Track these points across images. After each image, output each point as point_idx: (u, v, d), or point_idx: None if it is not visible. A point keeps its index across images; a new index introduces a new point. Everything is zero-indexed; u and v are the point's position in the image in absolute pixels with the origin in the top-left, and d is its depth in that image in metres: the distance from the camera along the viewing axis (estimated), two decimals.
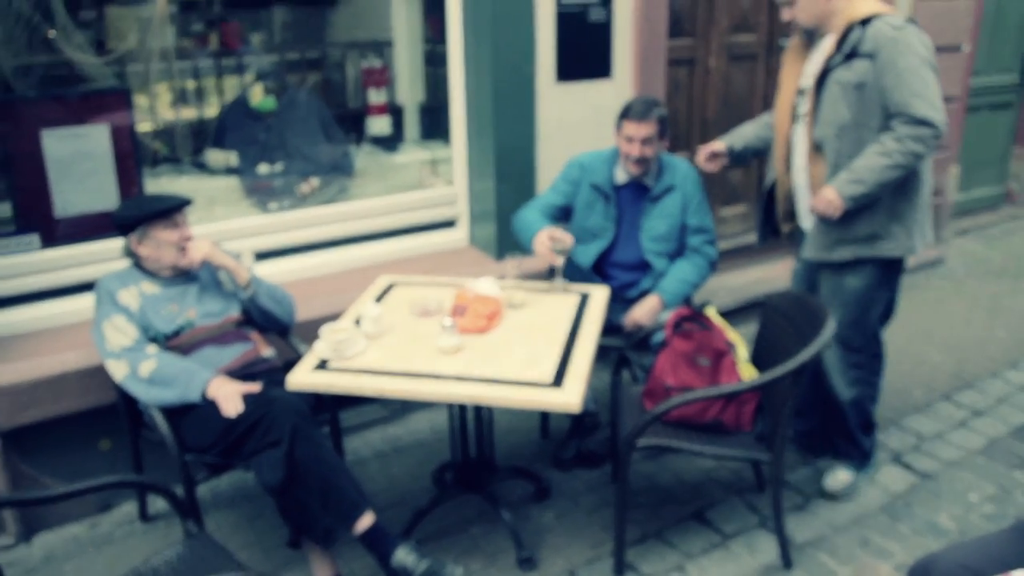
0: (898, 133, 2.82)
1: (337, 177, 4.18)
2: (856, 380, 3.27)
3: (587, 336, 2.82)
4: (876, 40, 2.84)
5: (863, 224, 3.00)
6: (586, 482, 3.45)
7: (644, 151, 3.33)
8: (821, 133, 3.00)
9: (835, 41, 2.92)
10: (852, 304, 3.15)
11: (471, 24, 3.91)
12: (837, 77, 2.92)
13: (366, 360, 2.69)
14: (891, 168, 2.83)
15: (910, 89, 2.79)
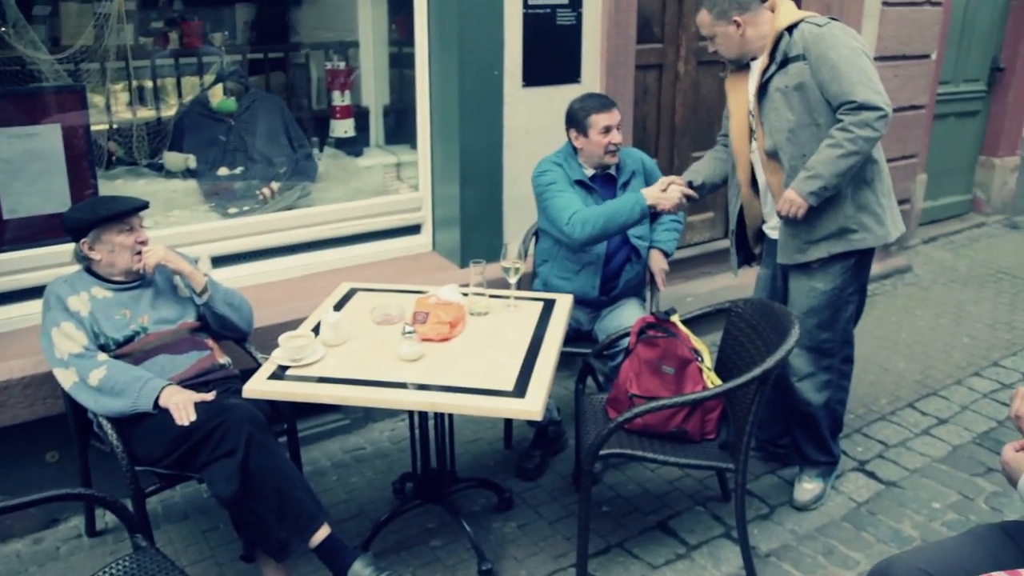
0: (844, 123, 2.85)
1: (299, 181, 4.11)
2: (827, 384, 3.26)
3: (550, 344, 2.78)
4: (804, 41, 2.91)
5: (830, 220, 3.02)
6: (550, 492, 3.40)
7: (619, 137, 3.42)
8: (772, 141, 3.03)
9: (767, 53, 2.98)
10: (824, 307, 3.14)
11: (437, 26, 3.86)
12: (776, 84, 2.98)
13: (324, 368, 2.63)
14: (844, 157, 2.85)
15: (847, 78, 2.84)
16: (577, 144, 3.44)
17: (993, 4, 6.60)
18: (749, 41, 3.03)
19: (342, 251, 4.00)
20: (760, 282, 3.47)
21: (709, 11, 3.03)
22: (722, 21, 3.01)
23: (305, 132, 4.34)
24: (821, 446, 3.35)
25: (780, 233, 3.14)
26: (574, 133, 3.43)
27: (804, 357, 3.21)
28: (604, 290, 3.51)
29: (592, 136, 3.37)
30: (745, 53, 3.07)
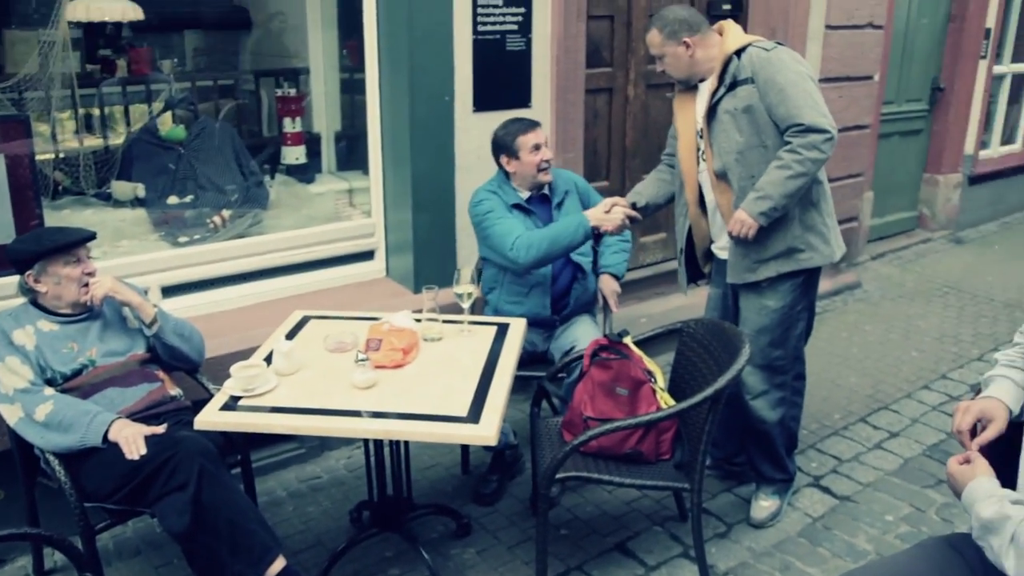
0: (792, 145, 2.91)
1: (250, 208, 4.08)
2: (781, 401, 3.29)
3: (504, 368, 2.78)
4: (752, 64, 2.97)
5: (779, 240, 3.07)
6: (508, 516, 3.39)
7: (549, 154, 3.49)
8: (721, 162, 3.08)
9: (716, 76, 3.03)
10: (775, 325, 3.18)
11: (387, 52, 3.87)
12: (725, 107, 3.03)
13: (277, 397, 2.60)
14: (792, 178, 2.90)
15: (793, 102, 2.90)
16: (509, 168, 3.48)
17: (931, 27, 6.77)
18: (697, 62, 3.08)
19: (295, 278, 3.97)
20: (711, 302, 3.50)
21: (660, 31, 3.08)
22: (672, 41, 3.05)
23: (256, 159, 4.31)
24: (776, 463, 3.38)
25: (730, 253, 3.18)
26: (505, 158, 3.47)
27: (757, 375, 3.24)
28: (555, 309, 3.54)
29: (523, 157, 3.42)
30: (693, 74, 3.12)
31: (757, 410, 3.27)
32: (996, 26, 7.09)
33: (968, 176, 7.41)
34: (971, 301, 5.91)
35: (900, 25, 6.42)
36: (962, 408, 2.03)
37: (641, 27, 4.76)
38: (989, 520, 1.74)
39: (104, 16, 3.92)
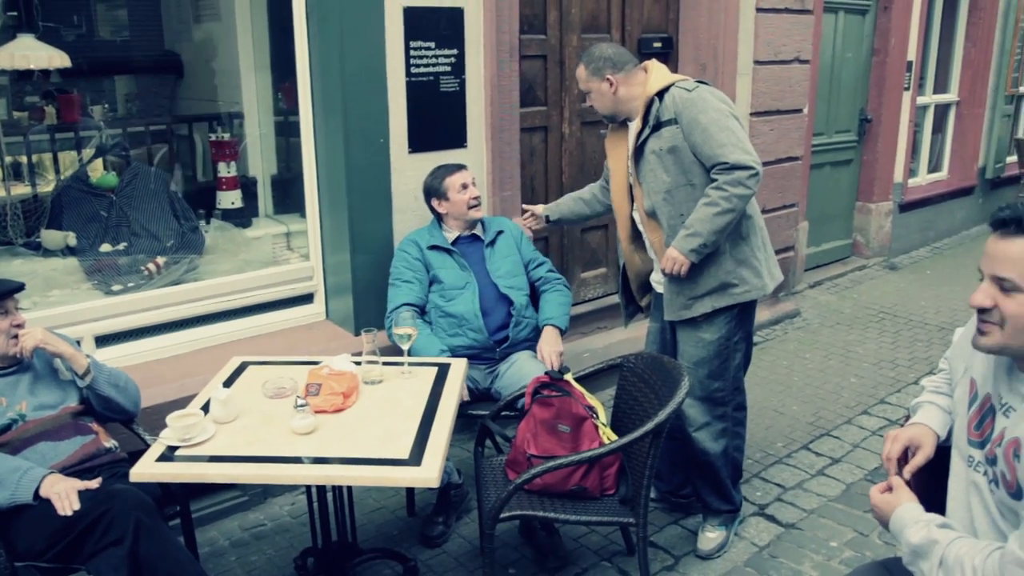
0: (718, 182, 2.97)
1: (186, 254, 4.02)
2: (723, 432, 3.31)
3: (445, 409, 2.76)
4: (675, 105, 3.03)
5: (711, 275, 3.11)
6: (455, 557, 3.36)
7: (477, 192, 3.68)
8: (650, 201, 3.14)
9: (640, 117, 3.11)
10: (713, 357, 3.21)
11: (321, 95, 3.87)
12: (650, 147, 3.09)
13: (216, 446, 2.55)
14: (720, 215, 2.96)
15: (716, 140, 2.96)
16: (441, 210, 3.67)
17: (856, 60, 6.99)
18: (621, 100, 3.15)
19: (233, 324, 3.92)
20: (650, 335, 3.55)
21: (586, 67, 3.15)
22: (596, 78, 3.13)
23: (191, 204, 4.26)
24: (722, 494, 3.40)
25: (665, 290, 3.23)
26: (436, 201, 3.67)
27: (698, 407, 3.26)
28: (497, 343, 3.58)
29: (452, 196, 3.61)
30: (618, 112, 3.19)
31: (700, 442, 3.29)
32: (917, 58, 7.34)
33: (899, 204, 7.63)
34: (906, 326, 6.05)
35: (826, 59, 6.61)
36: (891, 437, 2.07)
37: (574, 66, 4.82)
38: (918, 545, 1.77)
39: (30, 64, 3.85)
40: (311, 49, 3.85)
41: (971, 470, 1.87)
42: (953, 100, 8.41)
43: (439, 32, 3.99)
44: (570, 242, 5.09)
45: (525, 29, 4.52)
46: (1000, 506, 1.77)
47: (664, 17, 5.28)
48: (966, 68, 8.30)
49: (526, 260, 3.81)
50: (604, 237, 5.30)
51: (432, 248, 3.64)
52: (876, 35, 7.08)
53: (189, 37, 4.92)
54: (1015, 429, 1.72)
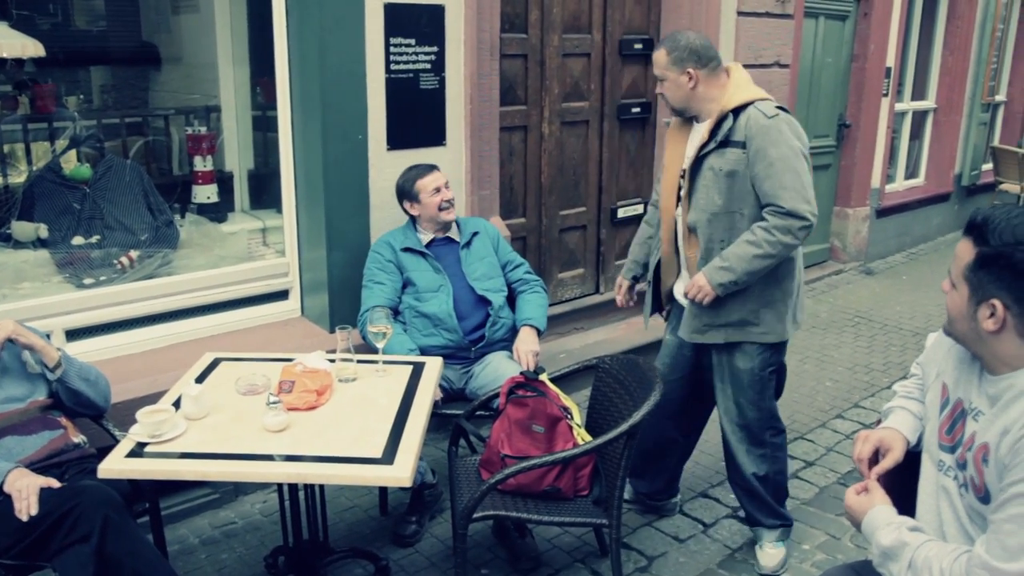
0: (768, 224, 2.85)
1: (160, 248, 3.98)
2: (762, 457, 3.24)
3: (419, 408, 2.75)
4: (748, 129, 2.86)
5: (734, 310, 3.02)
6: (428, 557, 3.35)
7: (450, 194, 3.63)
8: (694, 218, 3.01)
9: (709, 128, 2.93)
10: (747, 387, 3.14)
11: (300, 91, 3.84)
12: (710, 163, 2.94)
13: (186, 443, 2.53)
14: (760, 258, 2.86)
15: (780, 181, 2.82)
16: (414, 212, 3.65)
17: (836, 66, 7.02)
18: (697, 97, 2.98)
19: (207, 319, 3.88)
20: (667, 349, 3.40)
21: (668, 53, 2.96)
22: (676, 68, 2.95)
23: (166, 198, 4.22)
24: (771, 512, 3.32)
25: (685, 309, 3.14)
26: (408, 204, 3.66)
27: (738, 433, 3.22)
28: (472, 343, 3.57)
29: (424, 199, 3.59)
30: (690, 108, 3.02)
31: (742, 465, 3.25)
32: (895, 65, 7.38)
33: (876, 209, 7.68)
34: (881, 330, 6.09)
35: (806, 64, 6.63)
36: (862, 437, 2.08)
37: (555, 66, 4.83)
38: (888, 548, 1.78)
39: (2, 52, 3.79)
40: (290, 44, 3.83)
41: (941, 474, 1.88)
42: (931, 107, 8.47)
43: (420, 29, 3.97)
44: (548, 243, 5.09)
45: (506, 28, 4.51)
46: (969, 510, 1.79)
47: (645, 19, 5.29)
48: (944, 76, 8.37)
49: (503, 262, 3.79)
50: (582, 238, 5.30)
51: (406, 250, 3.62)
52: (856, 41, 7.12)
53: (167, 28, 4.87)
54: (984, 434, 1.74)
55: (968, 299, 1.74)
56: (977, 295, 1.72)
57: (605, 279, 5.47)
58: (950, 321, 1.82)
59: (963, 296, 1.75)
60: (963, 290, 1.75)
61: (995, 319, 1.69)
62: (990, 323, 1.70)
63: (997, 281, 1.68)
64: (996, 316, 1.69)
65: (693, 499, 3.78)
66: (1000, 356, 1.73)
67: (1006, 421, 1.68)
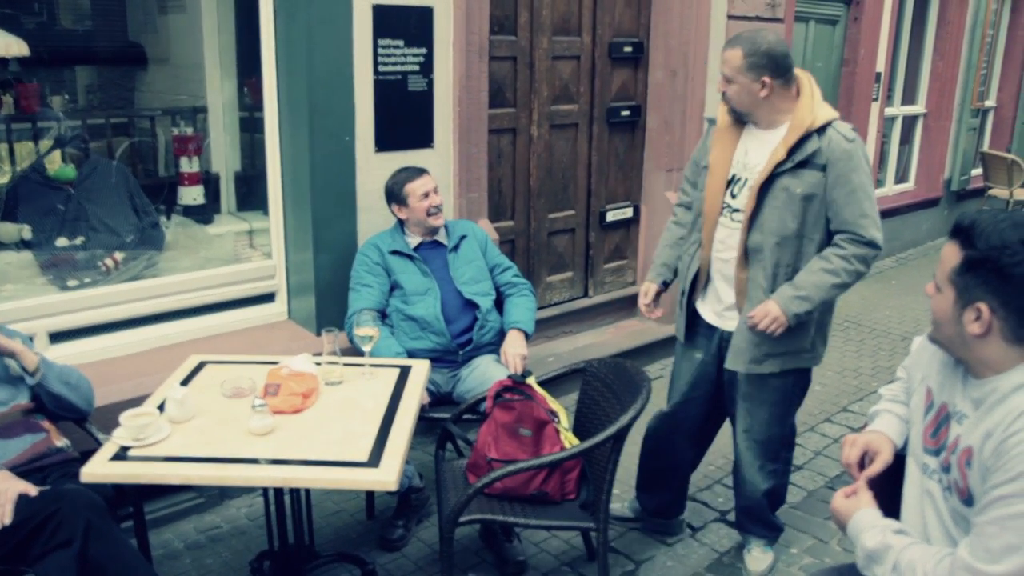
0: (847, 252, 2.79)
1: (145, 250, 3.96)
2: (773, 472, 3.21)
3: (406, 411, 2.73)
4: (831, 152, 2.75)
5: (796, 339, 2.93)
6: (415, 561, 3.33)
7: (439, 199, 3.62)
8: (759, 240, 2.87)
9: (788, 146, 2.77)
10: (777, 403, 3.09)
11: (287, 92, 3.82)
12: (784, 184, 2.81)
13: (171, 446, 2.50)
14: (837, 287, 2.81)
15: (860, 208, 2.76)
16: (401, 216, 3.64)
17: (826, 70, 7.03)
18: (766, 107, 2.83)
19: (192, 322, 3.85)
20: (688, 367, 3.23)
21: (744, 56, 2.78)
22: (751, 73, 2.77)
23: (152, 200, 4.19)
24: (768, 524, 3.31)
25: (738, 336, 2.99)
26: (396, 207, 3.64)
27: (755, 449, 3.16)
28: (460, 346, 3.56)
29: (412, 204, 3.58)
30: (751, 113, 2.87)
31: (751, 481, 3.21)
32: (885, 70, 7.40)
33: None
34: (870, 335, 6.09)
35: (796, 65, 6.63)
36: (849, 441, 2.08)
37: (544, 68, 4.82)
38: (873, 550, 1.78)
39: None
40: (278, 45, 3.80)
41: (926, 478, 1.88)
42: (920, 112, 8.50)
43: (408, 31, 3.95)
44: (536, 246, 5.07)
45: (495, 30, 4.50)
46: (953, 513, 1.79)
47: (635, 22, 5.28)
48: (934, 81, 8.39)
49: (491, 265, 3.77)
50: (571, 241, 5.29)
51: (393, 253, 3.61)
52: (846, 46, 7.13)
53: (154, 29, 4.85)
54: (968, 437, 1.74)
55: (954, 303, 1.74)
56: (963, 299, 1.72)
57: (594, 283, 5.46)
58: (935, 325, 1.82)
59: (949, 300, 1.75)
60: (949, 294, 1.75)
61: (981, 323, 1.69)
62: (976, 327, 1.70)
63: (983, 285, 1.68)
64: (982, 320, 1.69)
65: None
66: (985, 360, 1.73)
67: (989, 424, 1.68)
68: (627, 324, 5.56)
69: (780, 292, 2.83)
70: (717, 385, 3.20)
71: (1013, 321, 1.67)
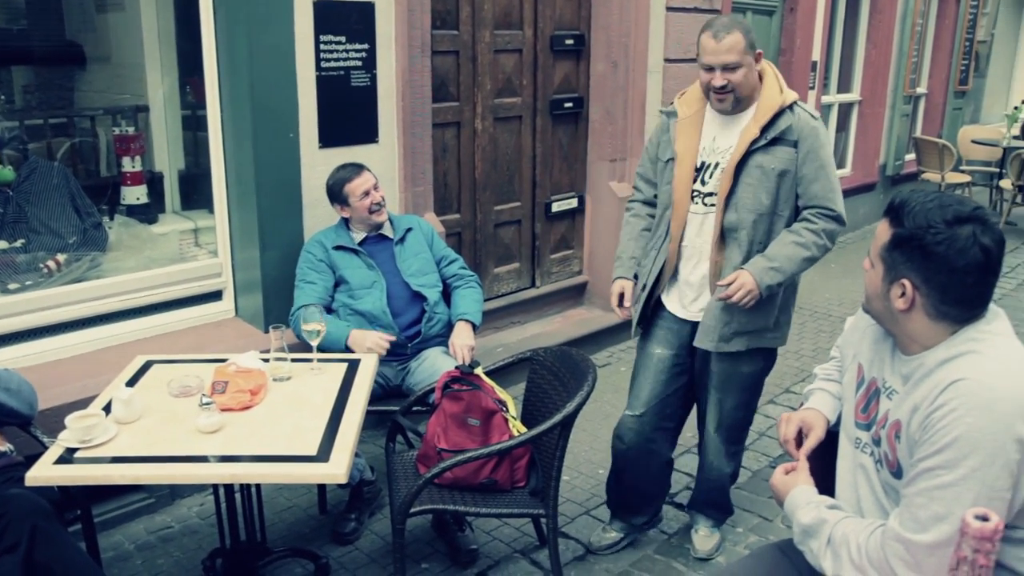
0: (817, 226, 2.83)
1: (88, 251, 3.91)
2: (735, 454, 3.28)
3: (354, 405, 2.75)
4: (801, 128, 2.79)
5: (761, 316, 2.96)
6: (368, 554, 3.35)
7: (380, 194, 3.63)
8: (736, 218, 2.88)
9: (760, 124, 2.79)
10: (748, 389, 3.13)
11: (229, 89, 3.80)
12: (758, 161, 2.83)
13: (118, 447, 2.49)
14: (807, 260, 2.85)
15: (830, 184, 2.81)
16: (344, 215, 3.66)
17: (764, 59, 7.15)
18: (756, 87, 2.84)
19: (138, 322, 3.82)
20: (655, 364, 3.16)
21: (744, 36, 2.74)
22: (751, 52, 2.77)
23: (94, 200, 4.14)
24: (722, 505, 3.37)
25: (707, 315, 2.97)
26: (338, 207, 3.65)
27: (723, 435, 3.19)
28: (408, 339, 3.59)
29: (354, 203, 3.59)
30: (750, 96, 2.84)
31: (715, 466, 3.25)
32: (821, 59, 7.56)
33: None
34: (811, 317, 6.23)
35: None
36: (784, 419, 2.16)
37: (486, 62, 4.86)
38: (808, 525, 1.85)
39: None
40: (218, 42, 3.78)
41: (858, 452, 1.95)
42: (856, 99, 8.69)
43: (350, 26, 3.96)
44: (483, 238, 5.11)
45: (437, 24, 4.52)
46: (884, 485, 1.86)
47: (576, 14, 5.34)
48: (867, 69, 8.59)
49: (438, 257, 3.80)
50: (517, 233, 5.34)
51: (338, 248, 3.61)
52: (783, 35, 7.27)
53: (92, 27, 4.77)
54: (897, 411, 1.80)
55: (883, 278, 1.81)
56: (891, 274, 1.79)
57: (541, 273, 5.51)
58: (867, 298, 1.90)
59: (879, 275, 1.82)
60: (879, 269, 1.82)
61: (905, 298, 1.76)
62: (901, 302, 1.77)
63: (908, 262, 1.75)
64: (906, 295, 1.76)
65: None
66: (911, 334, 1.80)
67: (916, 399, 1.74)
68: (575, 313, 5.63)
69: (753, 263, 2.84)
70: (690, 377, 3.19)
71: (935, 298, 1.74)
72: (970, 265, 1.70)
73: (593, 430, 4.32)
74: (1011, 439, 1.61)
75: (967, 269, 1.70)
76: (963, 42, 9.87)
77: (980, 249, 1.69)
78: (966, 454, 1.62)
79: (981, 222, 1.71)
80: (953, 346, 1.74)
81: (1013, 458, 1.61)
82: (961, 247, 1.69)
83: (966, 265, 1.69)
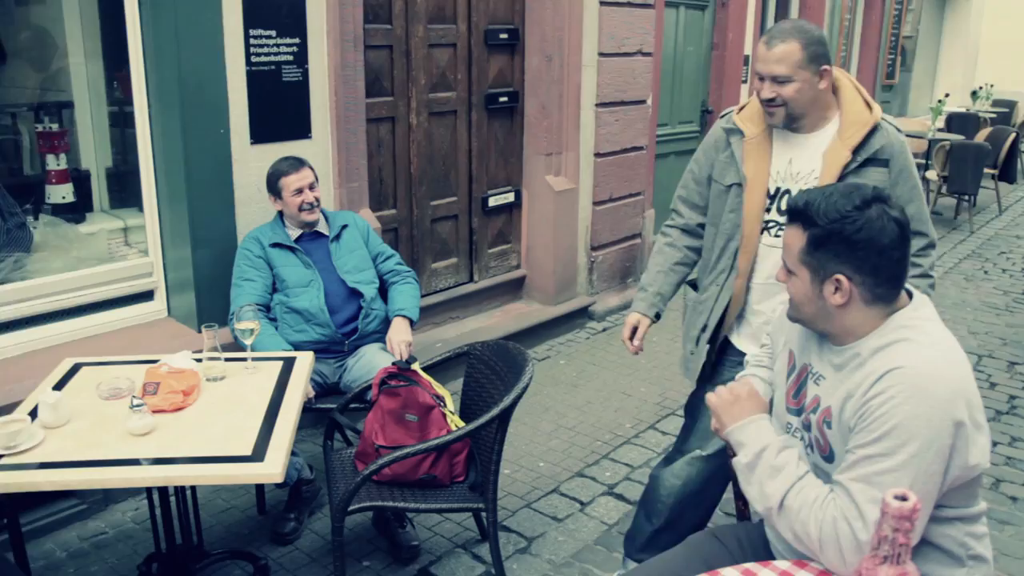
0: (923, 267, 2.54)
1: (12, 252, 3.79)
2: None
3: (290, 404, 2.72)
4: (891, 145, 2.49)
5: None
6: (308, 554, 3.32)
7: (315, 195, 3.58)
8: None
9: (851, 146, 2.47)
10: None
11: (156, 85, 3.72)
12: None
13: (45, 452, 2.43)
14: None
15: (924, 205, 2.54)
16: (277, 208, 3.64)
17: (697, 54, 7.25)
18: (820, 102, 2.50)
19: (67, 324, 3.72)
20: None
21: (803, 48, 2.40)
22: (812, 66, 2.42)
23: (18, 200, 4.02)
24: None
25: None
26: (272, 198, 3.63)
27: None
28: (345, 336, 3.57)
29: (286, 198, 3.56)
30: (808, 115, 2.51)
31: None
32: (753, 53, 7.67)
33: None
34: None
35: (668, 53, 6.82)
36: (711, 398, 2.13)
37: (420, 56, 4.83)
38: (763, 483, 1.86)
39: None
40: (144, 36, 3.70)
41: (789, 436, 1.98)
42: None
43: (280, 20, 3.90)
44: (420, 234, 5.09)
45: (370, 19, 4.49)
46: (815, 469, 1.89)
47: (510, 8, 5.34)
48: None
49: (374, 254, 3.78)
50: (454, 228, 5.32)
51: (275, 246, 3.57)
52: (715, 30, 7.37)
53: (12, 20, 4.63)
54: (828, 398, 1.84)
55: (811, 281, 1.83)
56: (819, 275, 1.81)
57: (479, 268, 5.51)
58: (795, 306, 1.91)
59: (805, 280, 1.84)
60: (804, 274, 1.84)
61: (842, 293, 1.79)
62: (838, 298, 1.80)
63: (836, 257, 1.78)
64: (842, 290, 1.79)
65: (570, 479, 3.86)
66: (848, 327, 1.83)
67: (849, 386, 1.78)
68: (513, 307, 5.64)
69: None
70: None
71: (870, 281, 1.77)
72: (894, 240, 1.75)
73: (532, 423, 4.34)
74: (948, 423, 1.66)
75: (892, 244, 1.75)
76: (889, 37, 10.12)
77: (895, 223, 1.75)
78: (905, 441, 1.66)
79: (882, 200, 1.77)
80: (885, 334, 1.78)
81: (947, 442, 1.67)
82: (880, 226, 1.74)
83: (891, 241, 1.75)
